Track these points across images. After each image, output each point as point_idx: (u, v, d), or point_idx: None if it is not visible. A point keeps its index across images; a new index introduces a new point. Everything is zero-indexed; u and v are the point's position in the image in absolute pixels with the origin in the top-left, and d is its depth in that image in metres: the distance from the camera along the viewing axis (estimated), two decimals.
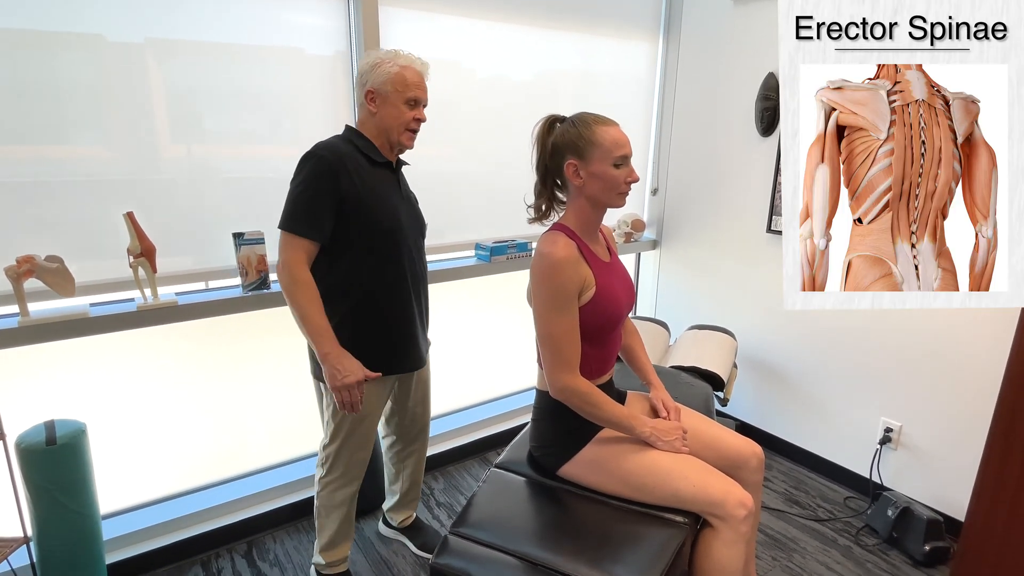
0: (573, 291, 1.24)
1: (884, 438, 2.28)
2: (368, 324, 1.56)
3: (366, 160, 1.50)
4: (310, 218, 1.43)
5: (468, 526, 1.21)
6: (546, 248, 1.24)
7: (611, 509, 1.28)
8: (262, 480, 2.18)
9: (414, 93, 1.50)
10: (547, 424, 1.37)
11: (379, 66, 1.47)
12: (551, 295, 1.23)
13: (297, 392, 2.23)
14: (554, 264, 1.22)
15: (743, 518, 1.23)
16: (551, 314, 1.25)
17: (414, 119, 1.52)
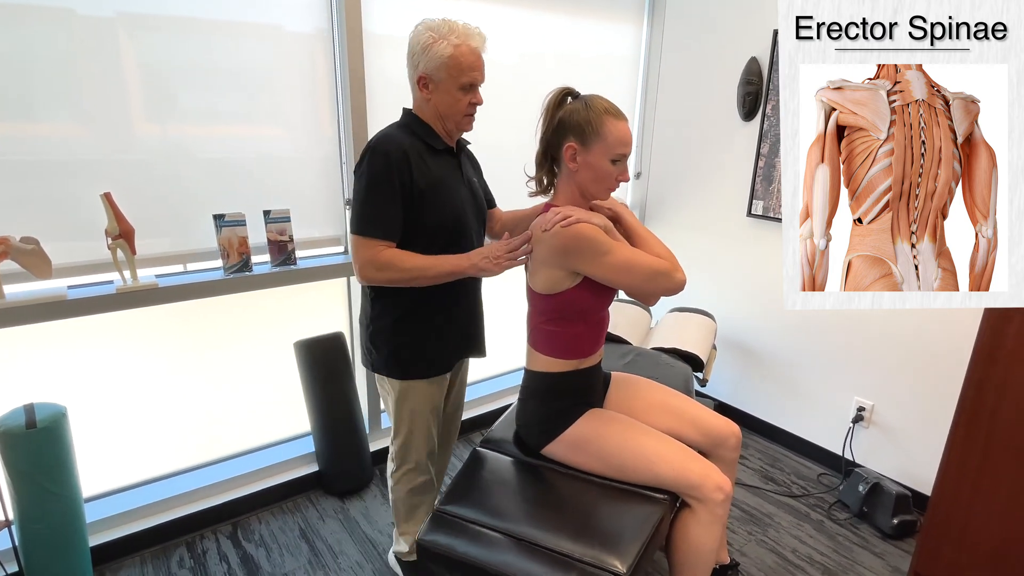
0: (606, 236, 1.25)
1: (856, 417, 2.35)
2: (429, 318, 1.49)
3: (427, 149, 1.41)
4: (379, 219, 1.35)
5: (454, 503, 1.24)
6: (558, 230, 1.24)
7: (593, 487, 1.31)
8: (246, 462, 2.19)
9: (470, 77, 1.35)
10: (534, 404, 1.39)
11: (431, 47, 1.32)
12: (595, 248, 1.23)
13: (280, 374, 2.23)
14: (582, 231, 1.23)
15: (720, 501, 1.27)
16: (612, 255, 1.24)
17: (470, 103, 1.39)
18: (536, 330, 1.39)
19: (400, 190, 1.34)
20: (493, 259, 1.34)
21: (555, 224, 1.23)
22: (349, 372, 2.26)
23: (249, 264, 1.95)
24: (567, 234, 1.22)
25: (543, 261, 1.29)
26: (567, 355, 1.37)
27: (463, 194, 1.47)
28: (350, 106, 2.04)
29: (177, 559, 1.90)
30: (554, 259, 1.26)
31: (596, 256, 1.23)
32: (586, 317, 1.35)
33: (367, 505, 2.19)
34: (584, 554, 1.11)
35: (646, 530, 1.17)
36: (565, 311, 1.33)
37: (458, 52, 1.31)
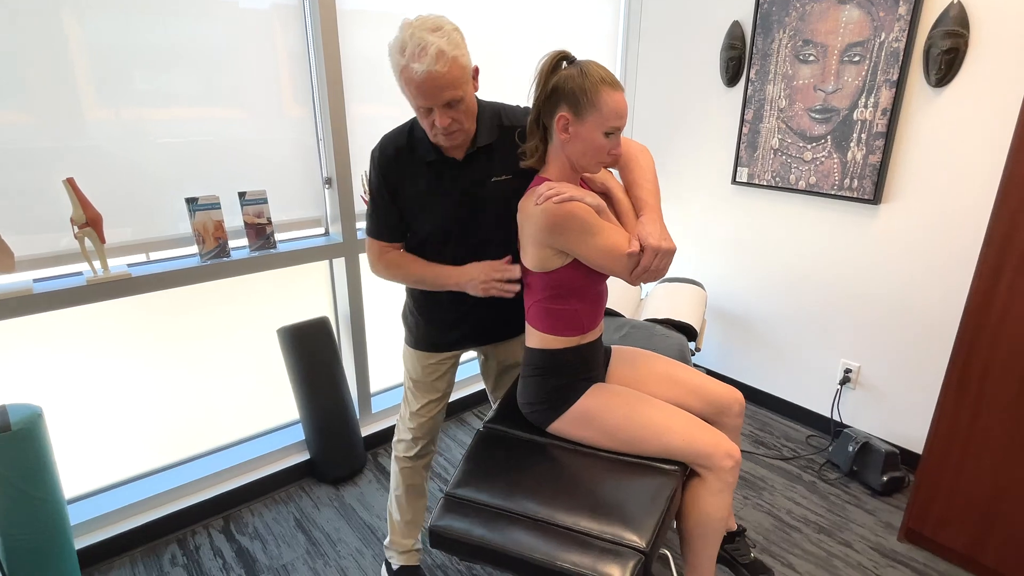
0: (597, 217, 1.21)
1: (844, 378, 2.39)
2: (429, 301, 1.52)
3: (418, 158, 1.35)
4: (380, 224, 1.42)
5: (464, 487, 1.20)
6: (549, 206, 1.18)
7: (603, 461, 1.29)
8: (234, 454, 2.12)
9: (418, 101, 1.21)
10: (536, 382, 1.36)
11: (391, 60, 1.21)
12: (584, 229, 1.19)
13: (264, 362, 2.16)
14: (573, 210, 1.18)
15: (730, 468, 1.27)
16: (599, 237, 1.20)
17: (432, 124, 1.24)
18: (533, 307, 1.35)
19: (391, 196, 1.38)
20: (480, 283, 1.36)
21: (547, 199, 1.18)
22: (336, 357, 2.19)
23: (226, 249, 1.86)
24: (558, 211, 1.18)
25: (531, 238, 1.24)
26: (567, 332, 1.34)
27: (452, 205, 1.36)
28: (326, 82, 1.94)
29: (169, 557, 1.84)
30: (541, 236, 1.22)
31: (584, 237, 1.20)
32: (582, 294, 1.32)
33: (362, 491, 2.15)
34: (603, 531, 1.09)
35: (661, 503, 1.16)
36: (560, 289, 1.29)
37: (404, 75, 1.18)
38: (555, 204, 1.17)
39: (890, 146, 2.08)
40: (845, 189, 2.22)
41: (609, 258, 1.21)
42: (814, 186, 2.30)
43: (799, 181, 2.34)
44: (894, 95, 2.03)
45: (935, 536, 1.86)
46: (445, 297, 1.47)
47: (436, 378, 1.60)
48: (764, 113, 2.39)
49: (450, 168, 1.35)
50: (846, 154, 2.19)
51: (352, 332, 2.25)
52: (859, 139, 2.14)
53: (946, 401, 1.75)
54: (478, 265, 1.39)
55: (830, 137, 2.22)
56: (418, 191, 1.36)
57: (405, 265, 1.43)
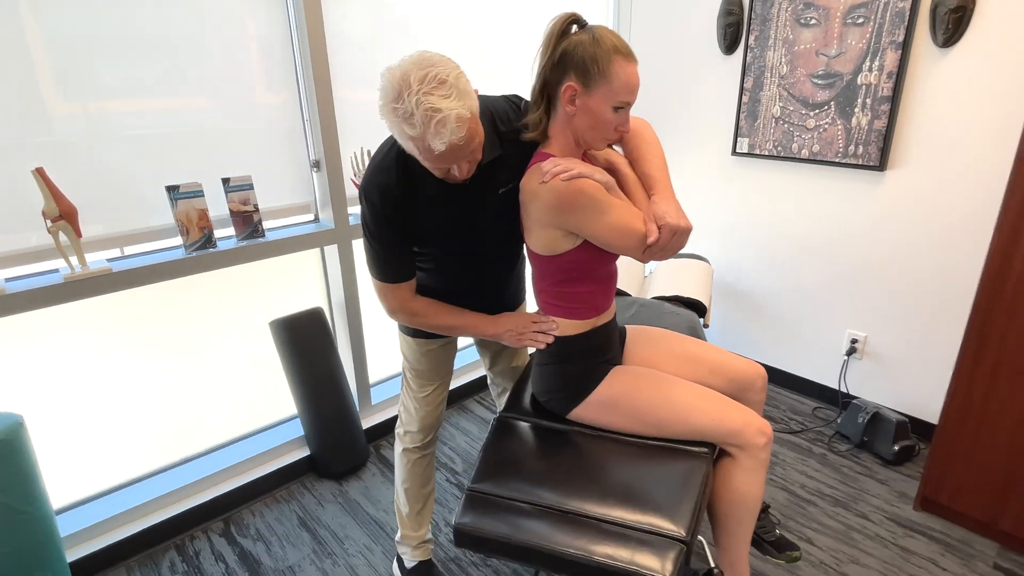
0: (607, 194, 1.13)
1: (850, 349, 2.36)
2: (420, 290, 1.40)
3: (420, 191, 1.19)
4: (392, 264, 1.27)
5: (486, 480, 1.14)
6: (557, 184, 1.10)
7: (628, 446, 1.23)
8: (231, 453, 2.03)
9: (439, 166, 1.10)
10: (553, 369, 1.29)
11: (395, 127, 1.06)
12: (595, 207, 1.11)
13: (258, 356, 2.06)
14: (583, 187, 1.10)
15: (763, 445, 1.22)
16: (611, 216, 1.12)
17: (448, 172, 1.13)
18: (543, 293, 1.28)
19: (401, 235, 1.23)
20: (517, 335, 1.32)
21: (555, 176, 1.10)
22: (332, 348, 2.10)
23: (212, 239, 1.75)
24: (566, 189, 1.10)
25: (538, 219, 1.17)
26: (580, 315, 1.27)
27: (462, 228, 1.27)
28: (310, 61, 1.83)
29: (168, 564, 1.75)
30: (549, 216, 1.14)
31: (595, 216, 1.12)
32: (593, 275, 1.25)
33: (366, 485, 2.08)
34: (638, 521, 1.04)
35: (695, 487, 1.10)
36: (570, 272, 1.22)
37: (417, 146, 1.05)
38: (563, 181, 1.09)
39: (896, 110, 2.03)
40: (850, 156, 2.17)
41: (621, 237, 1.14)
42: (817, 154, 2.25)
43: (802, 150, 2.28)
44: (900, 57, 1.98)
45: (952, 504, 1.84)
46: (443, 282, 1.37)
47: (439, 363, 1.53)
48: (764, 81, 2.32)
49: (456, 196, 1.22)
50: (850, 120, 2.13)
51: (348, 321, 2.16)
52: (864, 104, 2.09)
53: (963, 367, 1.72)
54: (513, 316, 1.35)
55: (833, 103, 2.16)
56: (427, 224, 1.24)
57: (432, 314, 1.32)
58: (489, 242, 1.33)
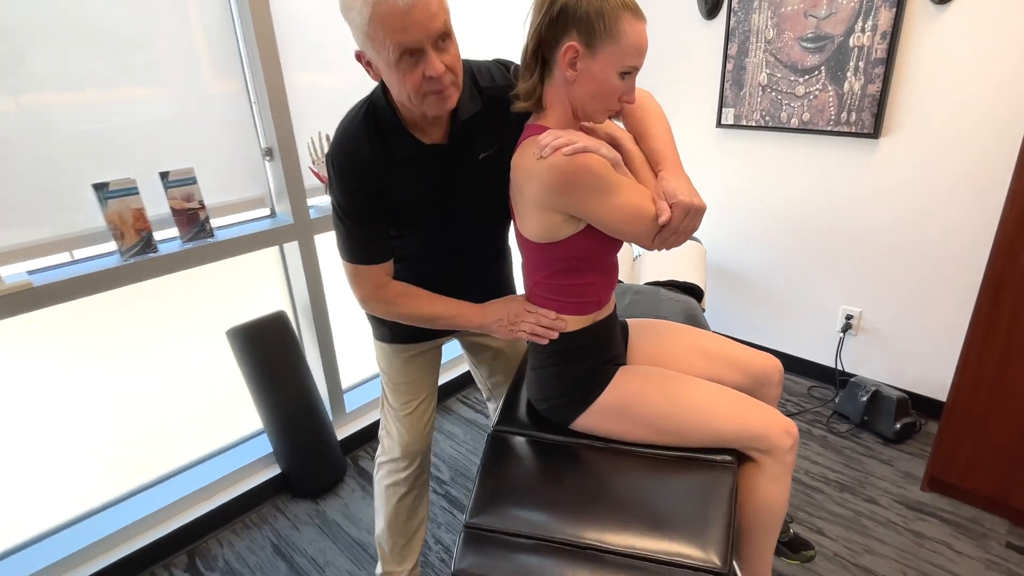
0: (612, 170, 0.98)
1: (845, 326, 2.28)
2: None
3: (395, 152, 1.05)
4: (363, 243, 1.11)
5: (486, 514, 0.98)
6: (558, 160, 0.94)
7: (641, 459, 1.09)
8: (192, 478, 1.83)
9: (406, 39, 0.89)
10: (554, 372, 1.14)
11: (348, 14, 0.92)
12: (601, 187, 0.96)
13: (215, 369, 1.86)
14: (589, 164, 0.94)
15: (789, 448, 1.10)
16: (619, 197, 0.97)
17: (425, 77, 0.93)
18: (538, 286, 1.12)
19: (374, 205, 1.08)
20: (508, 325, 1.15)
21: (555, 151, 0.94)
22: (299, 354, 1.92)
23: (152, 243, 1.54)
24: (569, 166, 0.93)
25: (534, 201, 1.00)
26: (581, 309, 1.12)
27: (442, 200, 1.12)
28: (255, 39, 1.61)
29: None
30: (549, 198, 0.98)
31: (601, 197, 0.96)
32: (596, 265, 1.10)
33: (345, 503, 1.91)
34: (666, 551, 0.90)
35: (724, 505, 0.97)
36: (571, 261, 1.06)
37: (378, 13, 0.87)
38: (565, 157, 0.93)
39: (890, 73, 1.92)
40: (842, 124, 2.05)
41: (631, 221, 0.99)
42: (808, 123, 2.13)
43: (791, 119, 2.16)
44: (894, 16, 1.86)
45: (961, 483, 1.77)
46: (418, 271, 1.20)
47: (423, 373, 1.36)
48: (750, 46, 2.18)
49: (433, 157, 1.07)
50: (842, 85, 2.01)
51: (315, 325, 1.97)
52: (856, 68, 1.97)
53: (974, 340, 1.64)
54: (503, 303, 1.18)
55: (824, 68, 2.04)
56: (403, 193, 1.07)
57: (410, 302, 1.16)
58: (469, 218, 1.17)
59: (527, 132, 1.04)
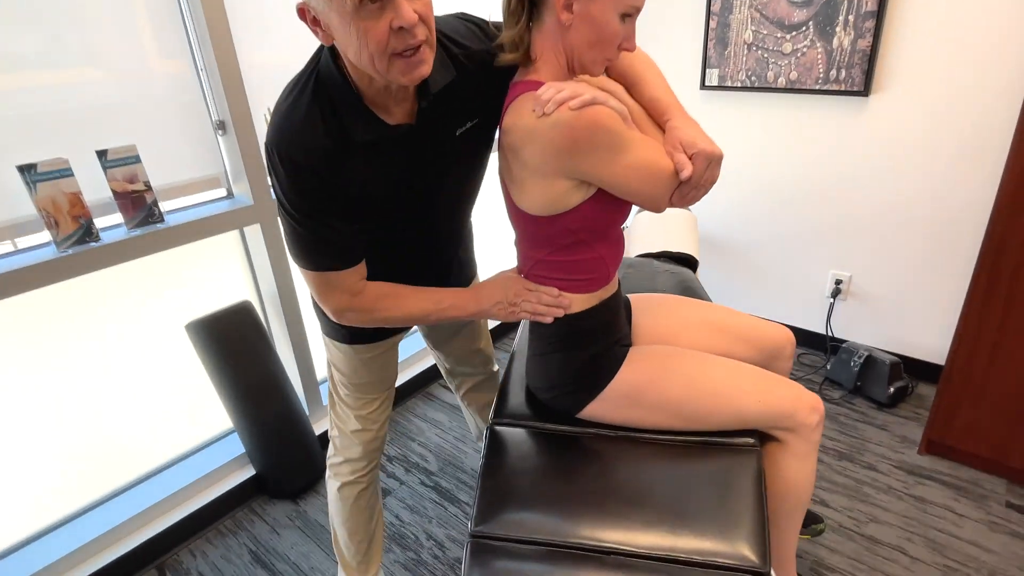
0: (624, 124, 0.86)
1: (834, 291, 2.23)
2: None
3: (354, 138, 0.87)
4: (328, 247, 0.93)
5: (492, 520, 0.88)
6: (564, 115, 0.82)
7: (658, 448, 1.01)
8: (160, 484, 1.69)
9: None
10: (560, 358, 1.03)
11: None
12: (614, 144, 0.84)
13: (177, 365, 1.71)
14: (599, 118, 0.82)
15: (816, 425, 1.02)
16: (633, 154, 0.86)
17: (391, 32, 0.75)
18: (539, 266, 1.01)
19: (330, 198, 0.89)
20: (509, 306, 1.03)
21: (560, 105, 0.82)
22: (268, 346, 1.77)
23: (93, 231, 1.37)
24: (579, 122, 0.81)
25: (536, 167, 0.88)
26: (588, 287, 1.01)
27: (414, 188, 0.97)
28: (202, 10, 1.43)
29: None
30: (555, 161, 0.86)
31: (614, 155, 0.85)
32: (605, 235, 0.99)
33: (327, 501, 1.79)
34: (697, 550, 0.82)
35: (753, 493, 0.89)
36: (578, 234, 0.95)
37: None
38: (573, 111, 0.81)
39: (881, 27, 1.84)
40: (831, 82, 1.97)
41: (647, 180, 0.88)
42: (795, 82, 2.04)
43: (778, 78, 2.07)
44: None
45: (959, 444, 1.75)
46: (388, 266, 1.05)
47: (385, 369, 1.23)
48: (734, 2, 2.07)
49: (399, 142, 0.90)
50: (831, 41, 1.93)
51: (284, 314, 1.82)
52: (846, 22, 1.88)
53: (973, 301, 1.60)
54: (497, 283, 1.05)
55: (812, 23, 1.94)
56: (365, 187, 0.90)
57: (395, 304, 1.00)
58: (443, 205, 1.04)
59: (516, 90, 0.91)
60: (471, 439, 2.00)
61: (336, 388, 1.24)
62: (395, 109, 0.89)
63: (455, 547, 1.60)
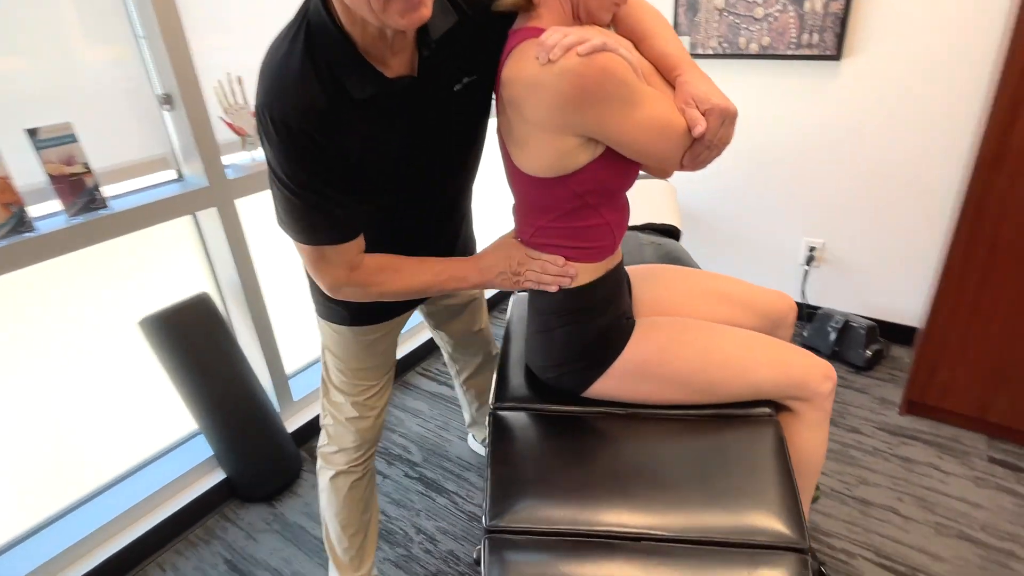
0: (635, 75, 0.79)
1: (808, 258, 2.24)
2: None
3: (353, 95, 0.78)
4: (326, 219, 0.85)
5: (509, 513, 0.81)
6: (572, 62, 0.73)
7: (672, 424, 0.96)
8: (121, 494, 1.55)
9: None
10: (565, 333, 0.96)
11: None
12: (626, 95, 0.77)
13: (132, 365, 1.56)
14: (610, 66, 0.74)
15: (829, 393, 0.99)
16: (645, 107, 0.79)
17: None
18: (541, 233, 0.93)
19: (328, 165, 0.81)
20: (512, 276, 0.96)
21: (568, 51, 0.74)
22: (230, 341, 1.64)
23: (26, 220, 1.22)
24: (589, 70, 0.73)
25: (540, 121, 0.80)
26: (594, 256, 0.95)
27: (418, 146, 0.89)
28: None
29: None
30: (561, 115, 0.78)
31: (626, 108, 0.77)
32: (613, 199, 0.92)
33: (307, 501, 1.69)
34: (735, 529, 0.77)
35: (779, 465, 0.85)
36: (585, 198, 0.88)
37: None
38: (581, 57, 0.73)
39: None
40: (804, 47, 1.95)
41: (660, 137, 0.81)
42: (768, 48, 2.01)
43: (750, 44, 2.04)
44: None
45: (939, 403, 1.78)
46: (395, 236, 0.99)
47: (387, 353, 1.16)
48: None
49: (399, 96, 0.82)
50: (803, 5, 1.90)
51: (248, 305, 1.69)
52: None
53: (953, 261, 1.61)
54: (499, 252, 0.97)
55: None
56: (364, 149, 0.82)
57: (394, 276, 0.93)
58: (445, 173, 0.97)
59: (516, 38, 0.82)
60: (454, 426, 1.92)
61: (330, 374, 1.16)
62: (392, 61, 0.80)
63: (447, 539, 1.53)
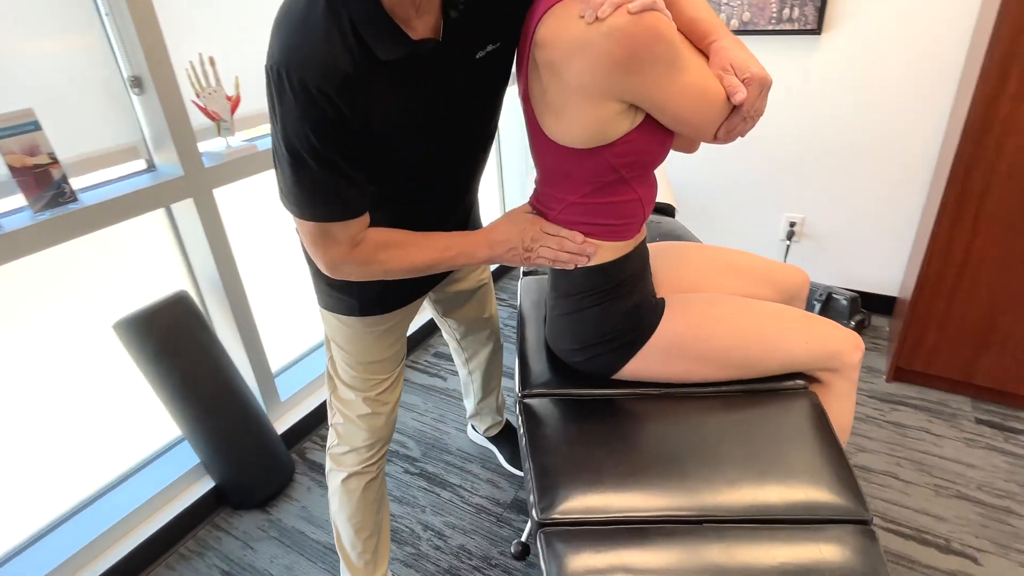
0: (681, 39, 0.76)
1: (789, 233, 2.27)
2: None
3: (379, 58, 0.72)
4: (335, 194, 0.79)
5: (562, 506, 0.77)
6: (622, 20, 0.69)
7: (710, 401, 0.94)
8: (103, 511, 1.45)
9: None
10: (596, 313, 0.93)
11: None
12: (672, 59, 0.73)
13: (106, 374, 1.45)
14: (659, 27, 0.70)
15: (857, 363, 1.00)
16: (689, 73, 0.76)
17: None
18: (571, 210, 0.89)
19: (347, 134, 0.74)
20: (524, 251, 0.91)
21: (617, 8, 0.69)
22: (212, 340, 1.55)
23: None
24: (640, 29, 0.69)
25: (583, 87, 0.75)
26: (623, 233, 0.91)
27: (441, 114, 0.83)
28: None
29: None
30: (607, 79, 0.73)
31: (672, 73, 0.74)
32: (647, 172, 0.89)
33: (303, 504, 1.62)
34: (795, 505, 0.75)
35: (824, 437, 0.84)
36: (620, 171, 0.84)
37: None
38: (632, 15, 0.68)
39: None
40: (784, 21, 1.96)
41: (700, 106, 0.77)
42: (748, 23, 2.01)
43: (731, 20, 2.03)
44: None
45: (925, 369, 1.83)
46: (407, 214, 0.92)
47: (397, 346, 1.10)
48: None
49: (425, 60, 0.77)
50: None
51: (229, 302, 1.60)
52: None
53: (940, 228, 1.65)
54: (510, 224, 0.92)
55: None
56: (390, 115, 0.77)
57: (399, 253, 0.87)
58: (465, 145, 0.91)
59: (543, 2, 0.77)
60: (450, 418, 1.87)
61: (337, 369, 1.09)
62: (416, 23, 0.73)
63: (456, 534, 1.49)
